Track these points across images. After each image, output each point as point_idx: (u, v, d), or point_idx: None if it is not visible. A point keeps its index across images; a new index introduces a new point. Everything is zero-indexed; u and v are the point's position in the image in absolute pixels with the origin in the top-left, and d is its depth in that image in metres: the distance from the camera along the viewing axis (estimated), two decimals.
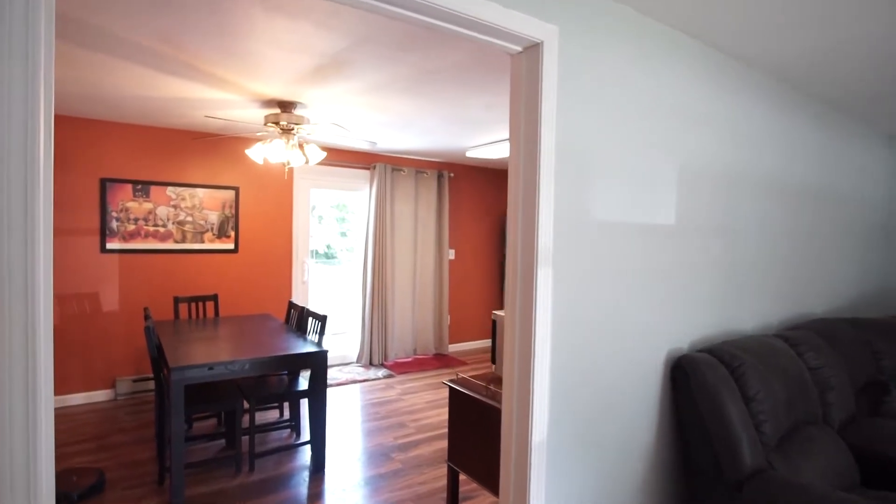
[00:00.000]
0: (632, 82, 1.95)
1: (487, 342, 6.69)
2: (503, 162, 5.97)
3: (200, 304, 4.52)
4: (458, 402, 2.42)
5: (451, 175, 6.17)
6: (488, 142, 4.71)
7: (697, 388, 2.05)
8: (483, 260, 6.61)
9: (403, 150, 5.39)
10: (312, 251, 5.69)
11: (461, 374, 2.55)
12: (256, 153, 3.46)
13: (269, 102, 3.45)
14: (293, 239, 5.15)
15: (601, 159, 1.87)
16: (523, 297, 1.74)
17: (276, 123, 3.39)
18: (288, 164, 3.48)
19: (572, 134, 1.77)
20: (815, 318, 2.96)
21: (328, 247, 5.94)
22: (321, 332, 3.39)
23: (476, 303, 6.56)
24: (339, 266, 5.97)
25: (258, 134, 4.22)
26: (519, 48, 1.69)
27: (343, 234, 5.97)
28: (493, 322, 2.47)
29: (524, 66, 1.71)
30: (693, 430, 2.06)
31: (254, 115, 3.84)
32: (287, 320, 4.02)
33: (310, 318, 3.58)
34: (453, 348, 6.37)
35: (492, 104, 3.38)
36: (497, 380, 2.46)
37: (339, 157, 5.39)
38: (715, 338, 2.45)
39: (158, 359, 2.96)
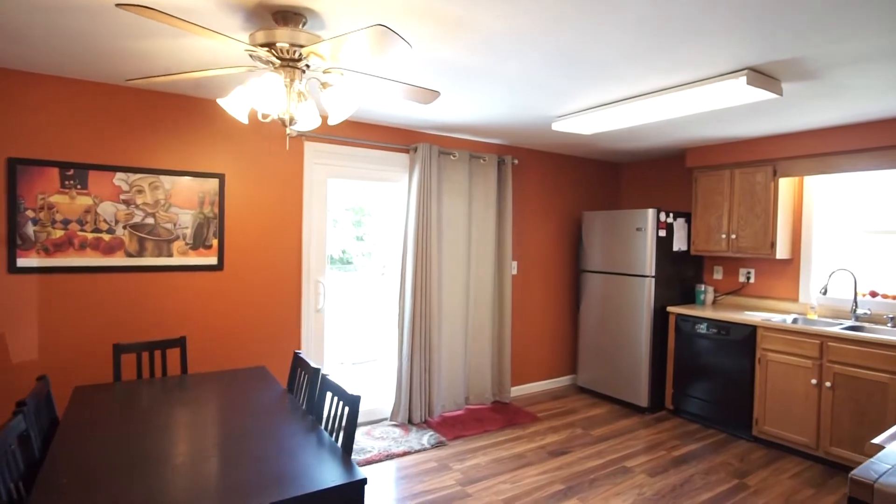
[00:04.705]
0: None
1: (555, 382, 5.11)
2: (591, 143, 4.39)
3: (158, 353, 3.00)
4: None
5: (515, 161, 4.61)
6: (593, 105, 3.14)
7: None
8: (552, 274, 5.03)
9: (457, 124, 3.84)
10: (327, 256, 4.25)
11: None
12: (234, 104, 1.95)
13: (257, 9, 1.93)
14: (303, 250, 3.63)
15: None
16: None
17: (270, 47, 1.87)
18: (291, 120, 1.95)
19: None
20: None
21: (343, 252, 4.59)
22: (350, 430, 1.84)
23: (542, 332, 4.99)
24: (354, 273, 4.57)
25: (241, 70, 2.67)
26: None
27: (359, 239, 4.56)
28: None
29: None
30: None
31: (230, 50, 2.33)
32: (291, 386, 2.49)
33: (328, 395, 2.05)
34: (515, 392, 4.81)
35: (661, 10, 1.82)
36: None
37: (367, 134, 3.87)
38: None
39: None
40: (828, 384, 3.31)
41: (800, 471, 3.34)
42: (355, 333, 4.70)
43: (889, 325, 3.48)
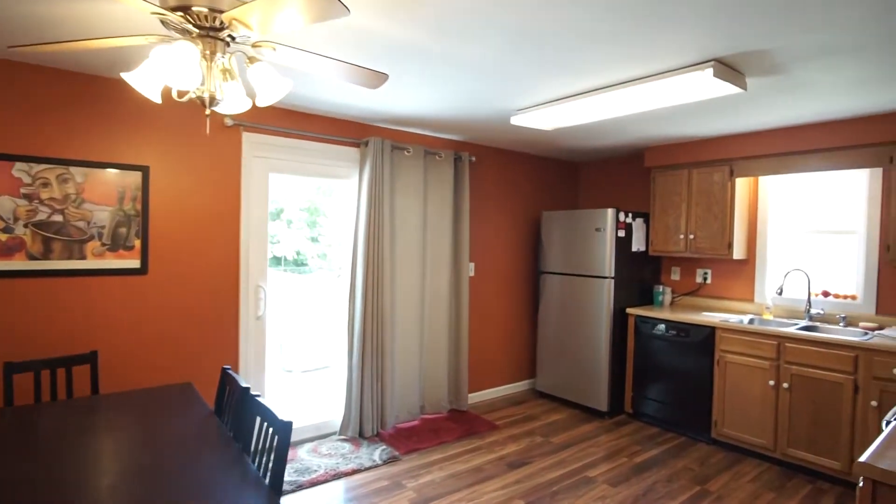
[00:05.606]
0: None
1: (514, 388, 4.96)
2: (550, 141, 4.26)
3: (62, 371, 2.61)
4: None
5: (473, 159, 4.42)
6: (554, 98, 2.98)
7: None
8: (511, 275, 4.88)
9: (411, 117, 3.61)
10: (281, 257, 3.97)
11: None
12: (142, 79, 1.65)
13: None
14: (241, 252, 3.30)
15: None
16: None
17: (185, 11, 1.58)
18: (212, 101, 1.67)
19: None
20: None
21: (298, 253, 4.35)
22: (280, 464, 1.58)
23: (501, 335, 4.83)
24: (309, 275, 4.36)
25: (151, 40, 2.33)
26: None
27: (314, 240, 4.33)
28: None
29: None
30: None
31: (144, 18, 2.02)
32: (218, 407, 2.20)
33: (258, 420, 1.78)
34: (473, 399, 4.62)
35: None
36: None
37: (313, 126, 3.57)
38: None
39: None
40: (785, 385, 3.28)
41: (759, 473, 3.30)
42: (309, 339, 4.42)
43: (841, 324, 3.50)
